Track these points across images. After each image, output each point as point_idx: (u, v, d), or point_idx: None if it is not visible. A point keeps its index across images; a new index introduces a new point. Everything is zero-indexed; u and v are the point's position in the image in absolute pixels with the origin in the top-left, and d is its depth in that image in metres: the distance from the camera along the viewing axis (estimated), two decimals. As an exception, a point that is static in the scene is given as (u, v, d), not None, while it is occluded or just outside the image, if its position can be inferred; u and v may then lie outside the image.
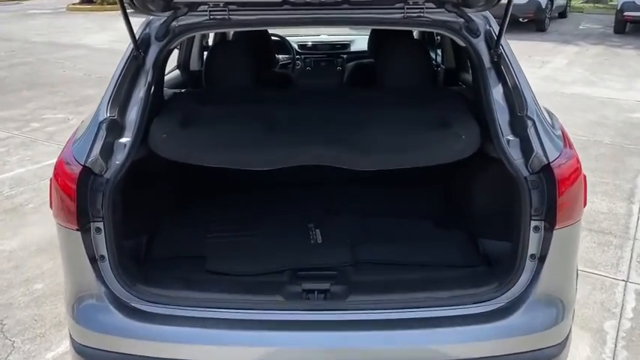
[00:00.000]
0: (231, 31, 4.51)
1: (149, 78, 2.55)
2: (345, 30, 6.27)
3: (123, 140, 2.37)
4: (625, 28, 15.33)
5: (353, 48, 5.51)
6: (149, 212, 2.81)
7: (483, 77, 2.54)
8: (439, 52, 4.67)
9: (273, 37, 4.82)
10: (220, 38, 4.89)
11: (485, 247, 2.72)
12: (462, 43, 2.67)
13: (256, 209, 3.00)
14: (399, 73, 3.16)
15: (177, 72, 4.32)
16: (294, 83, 3.32)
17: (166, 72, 4.38)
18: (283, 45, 5.16)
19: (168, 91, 3.13)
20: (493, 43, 2.56)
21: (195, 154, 2.51)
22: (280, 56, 5.18)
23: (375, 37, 4.35)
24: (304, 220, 2.88)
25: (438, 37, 4.61)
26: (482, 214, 2.75)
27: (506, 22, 2.43)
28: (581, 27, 16.94)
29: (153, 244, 2.71)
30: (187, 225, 2.87)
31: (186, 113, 2.73)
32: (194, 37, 4.31)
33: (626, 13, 14.82)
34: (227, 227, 2.84)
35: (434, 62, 4.52)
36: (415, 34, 4.61)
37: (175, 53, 4.41)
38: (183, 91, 3.17)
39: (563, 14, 18.99)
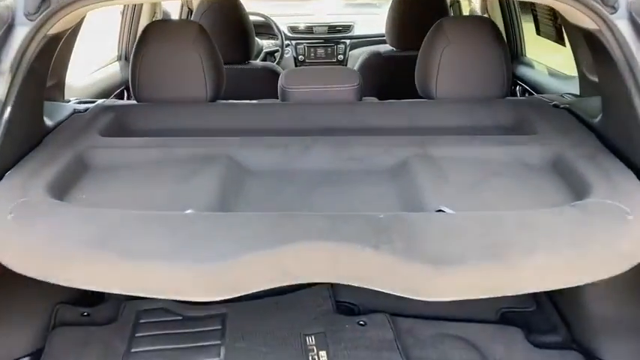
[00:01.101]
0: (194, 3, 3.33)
1: (3, 90, 1.37)
2: (344, 7, 5.11)
3: None
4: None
5: (357, 31, 4.46)
6: (28, 323, 1.64)
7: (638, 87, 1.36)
8: None
9: (254, 17, 3.62)
10: (187, 14, 3.73)
11: None
12: (586, 25, 1.48)
13: (216, 318, 1.76)
14: (465, 77, 1.96)
15: (116, 66, 3.09)
16: (281, 89, 2.11)
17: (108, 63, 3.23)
18: (268, 27, 4.09)
19: (68, 107, 1.92)
20: None
21: (58, 270, 1.18)
22: (265, 42, 4.10)
23: (398, 14, 3.12)
24: (301, 335, 1.66)
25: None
26: (613, 323, 1.59)
27: None
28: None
29: None
30: (95, 347, 1.64)
31: (71, 162, 1.53)
32: (138, 12, 3.10)
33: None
34: (164, 351, 1.62)
35: None
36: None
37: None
38: (87, 108, 1.92)
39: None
